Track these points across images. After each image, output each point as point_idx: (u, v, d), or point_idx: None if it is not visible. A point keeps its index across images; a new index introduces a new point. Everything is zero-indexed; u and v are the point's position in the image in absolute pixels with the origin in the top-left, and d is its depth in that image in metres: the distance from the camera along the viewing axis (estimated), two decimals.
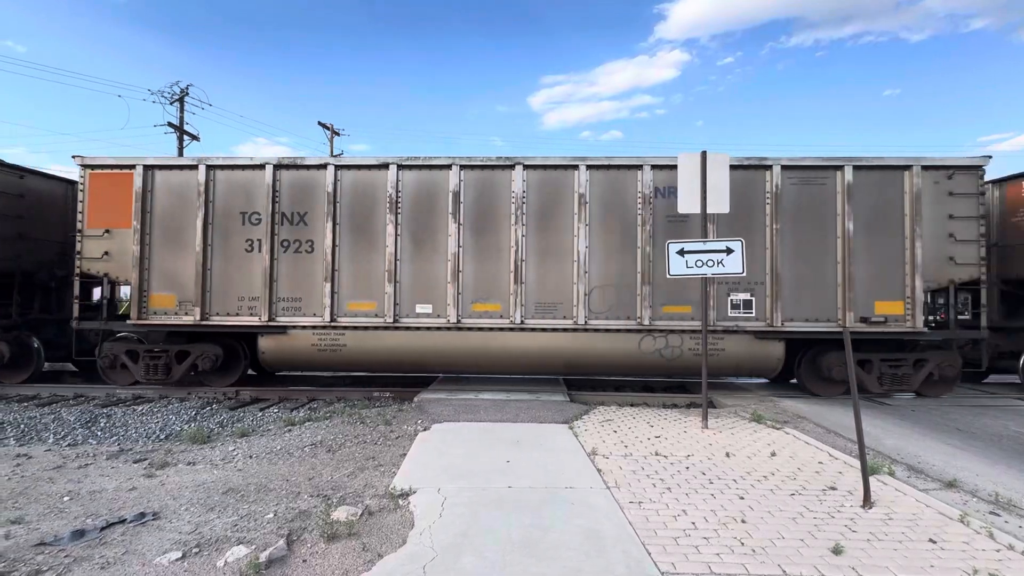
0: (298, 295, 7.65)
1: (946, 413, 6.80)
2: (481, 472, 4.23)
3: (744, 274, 5.89)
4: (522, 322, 7.58)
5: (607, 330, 7.59)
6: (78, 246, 7.72)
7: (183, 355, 7.86)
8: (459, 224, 7.63)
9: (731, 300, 7.59)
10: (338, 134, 30.05)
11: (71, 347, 9.05)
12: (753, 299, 7.58)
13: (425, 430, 5.61)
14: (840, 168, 7.51)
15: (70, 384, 8.62)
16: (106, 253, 7.71)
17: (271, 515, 3.56)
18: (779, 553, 2.94)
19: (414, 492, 3.78)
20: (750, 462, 4.56)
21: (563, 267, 7.64)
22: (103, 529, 3.41)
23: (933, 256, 7.44)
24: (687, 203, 6.03)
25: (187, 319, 7.64)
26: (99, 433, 6.01)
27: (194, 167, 7.76)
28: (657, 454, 4.78)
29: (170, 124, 24.07)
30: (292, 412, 6.93)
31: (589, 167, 7.63)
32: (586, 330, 7.59)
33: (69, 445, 5.57)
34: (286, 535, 3.21)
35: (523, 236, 7.61)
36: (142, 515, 3.60)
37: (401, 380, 9.15)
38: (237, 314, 7.67)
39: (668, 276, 6.02)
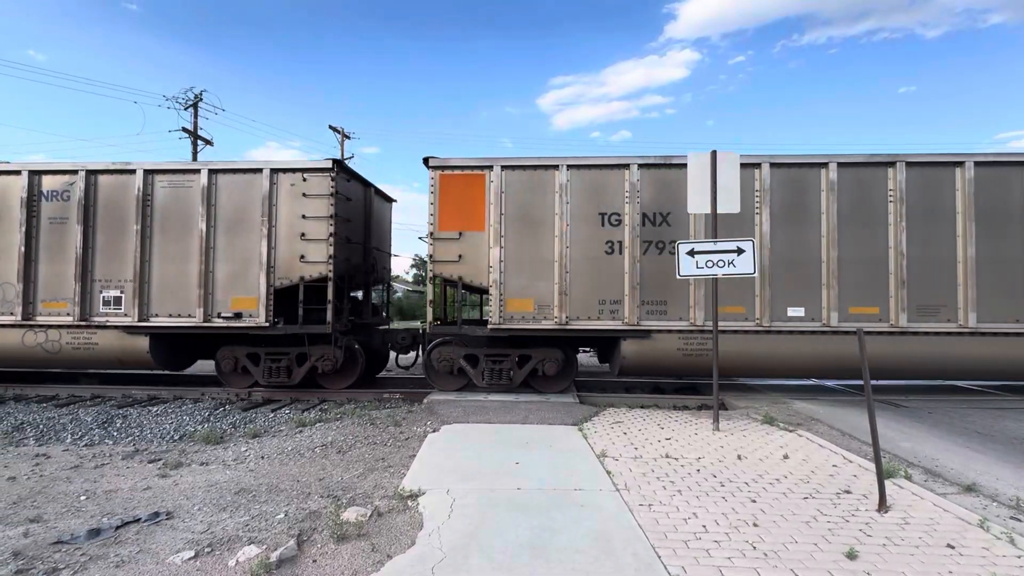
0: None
1: (964, 416, 6.65)
2: (490, 473, 4.22)
3: (755, 274, 5.82)
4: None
5: None
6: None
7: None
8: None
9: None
10: (348, 137, 30.31)
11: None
12: None
13: (434, 431, 5.63)
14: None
15: (85, 385, 8.78)
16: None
17: (282, 515, 3.59)
18: (792, 557, 2.89)
19: (423, 493, 3.79)
20: (762, 465, 4.50)
21: None
22: (118, 528, 3.46)
23: None
24: (696, 203, 5.98)
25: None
26: (115, 433, 6.11)
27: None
28: (667, 456, 4.73)
29: (184, 129, 24.47)
30: (303, 413, 6.99)
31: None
32: None
33: (86, 445, 5.67)
34: (296, 535, 3.23)
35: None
36: (156, 514, 3.66)
37: (411, 381, 9.19)
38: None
39: (678, 277, 5.98)
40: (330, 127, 30.01)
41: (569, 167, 7.45)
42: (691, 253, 5.84)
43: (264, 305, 7.63)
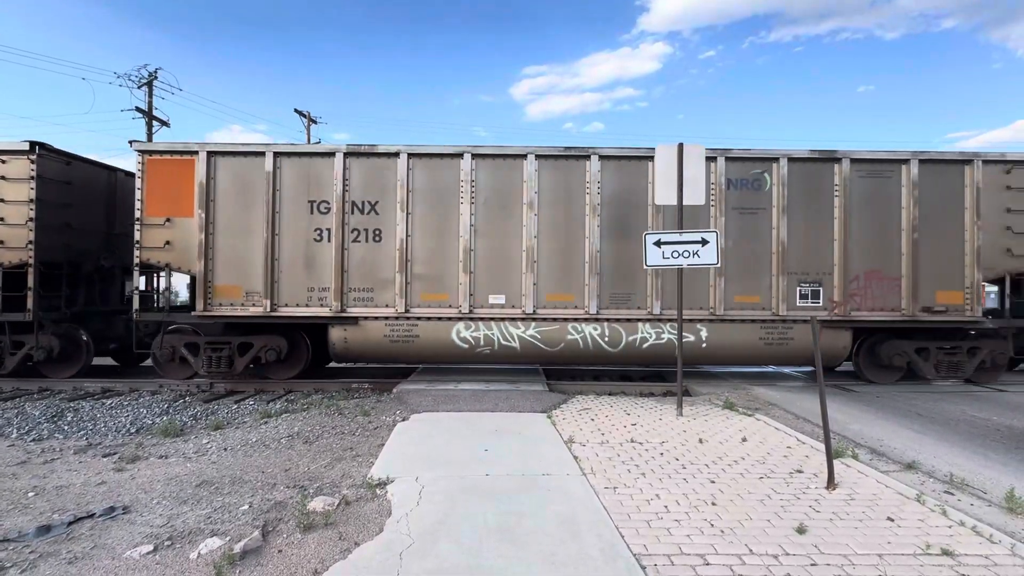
0: None
1: (909, 400, 7.09)
2: (459, 461, 4.26)
3: (718, 264, 6.01)
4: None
5: None
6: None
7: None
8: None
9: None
10: (315, 122, 29.43)
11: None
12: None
13: (404, 420, 5.61)
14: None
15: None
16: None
17: (246, 507, 3.52)
18: (746, 533, 3.04)
19: (392, 481, 3.79)
20: (722, 447, 4.69)
21: None
22: (70, 524, 3.33)
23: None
24: (663, 195, 6.11)
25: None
26: (66, 428, 5.84)
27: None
28: (633, 441, 4.87)
29: (138, 109, 23.23)
30: (268, 404, 6.84)
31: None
32: None
33: (34, 440, 5.40)
34: (261, 526, 3.19)
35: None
36: (112, 509, 3.53)
37: (381, 371, 9.10)
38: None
39: (645, 267, 6.11)
40: (296, 111, 29.09)
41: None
42: (658, 244, 5.97)
43: None
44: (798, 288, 7.65)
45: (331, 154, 7.52)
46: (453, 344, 7.58)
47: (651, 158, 7.31)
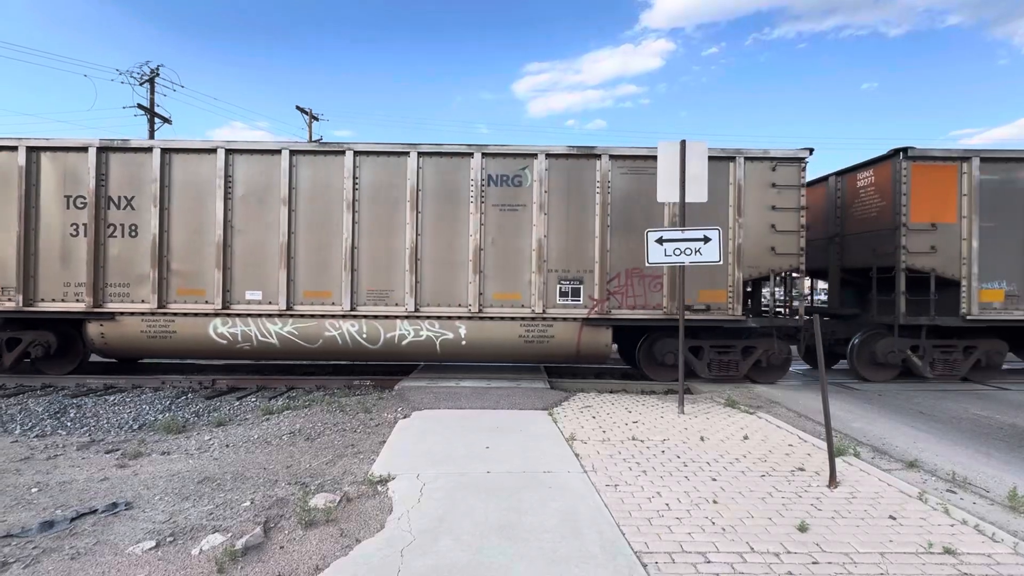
0: None
1: (910, 397, 7.07)
2: (460, 458, 4.26)
3: (720, 262, 5.99)
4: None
5: None
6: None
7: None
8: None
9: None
10: (317, 119, 29.41)
11: None
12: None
13: (405, 417, 5.62)
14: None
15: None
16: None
17: (248, 503, 3.53)
18: (748, 531, 3.04)
19: (393, 478, 3.79)
20: (723, 445, 4.69)
21: None
22: (73, 520, 3.35)
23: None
24: (665, 192, 6.08)
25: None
26: (69, 424, 5.86)
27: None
28: (634, 439, 4.87)
29: (140, 106, 23.23)
30: (270, 401, 6.85)
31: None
32: None
33: (37, 436, 5.42)
34: (263, 522, 3.19)
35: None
36: (114, 505, 3.55)
37: (383, 368, 9.11)
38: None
39: (647, 264, 6.09)
40: (297, 108, 29.05)
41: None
42: (660, 241, 5.96)
43: None
44: (559, 286, 7.59)
45: (84, 149, 7.50)
46: (211, 340, 7.57)
47: (407, 154, 7.46)
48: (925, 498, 3.49)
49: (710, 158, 7.24)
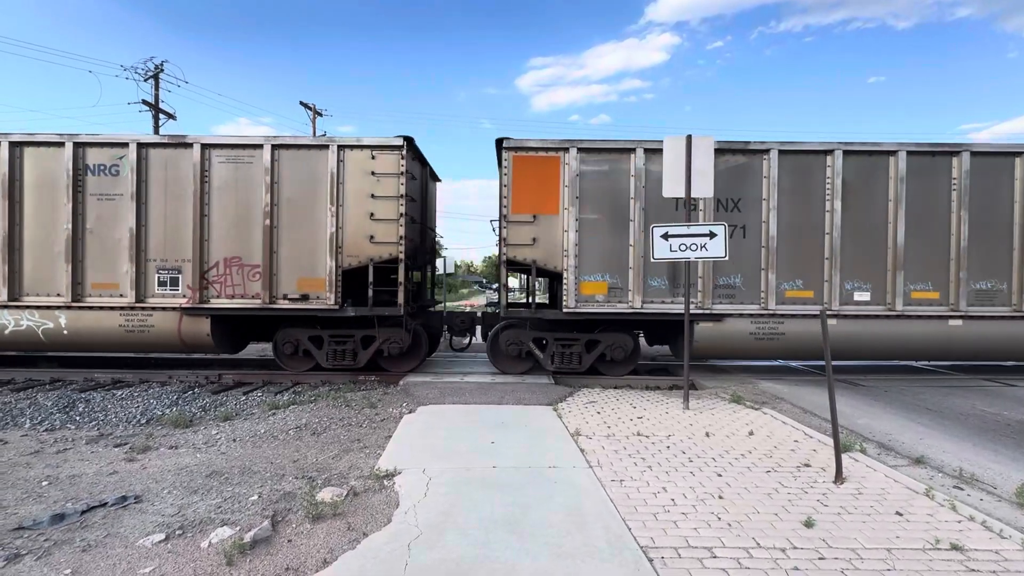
0: None
1: (917, 394, 7.04)
2: (466, 453, 4.27)
3: (726, 258, 5.96)
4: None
5: None
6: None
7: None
8: None
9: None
10: (320, 114, 29.39)
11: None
12: None
13: (411, 412, 5.64)
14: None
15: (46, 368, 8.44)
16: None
17: (255, 497, 3.56)
18: (754, 527, 3.04)
19: (399, 473, 3.81)
20: (728, 441, 4.68)
21: None
22: (84, 513, 3.38)
23: None
24: (671, 187, 6.06)
25: None
26: (78, 418, 5.91)
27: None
28: (639, 434, 4.87)
29: (144, 102, 23.29)
30: (276, 396, 6.89)
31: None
32: None
33: (47, 430, 5.47)
34: (271, 516, 3.22)
35: None
36: (124, 498, 3.58)
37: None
38: None
39: (652, 260, 6.08)
40: (301, 103, 29.03)
41: None
42: (665, 236, 5.94)
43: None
44: (157, 275, 7.57)
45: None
46: None
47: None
48: (932, 494, 3.48)
49: (306, 147, 7.52)
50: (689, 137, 5.99)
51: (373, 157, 7.47)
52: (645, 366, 9.18)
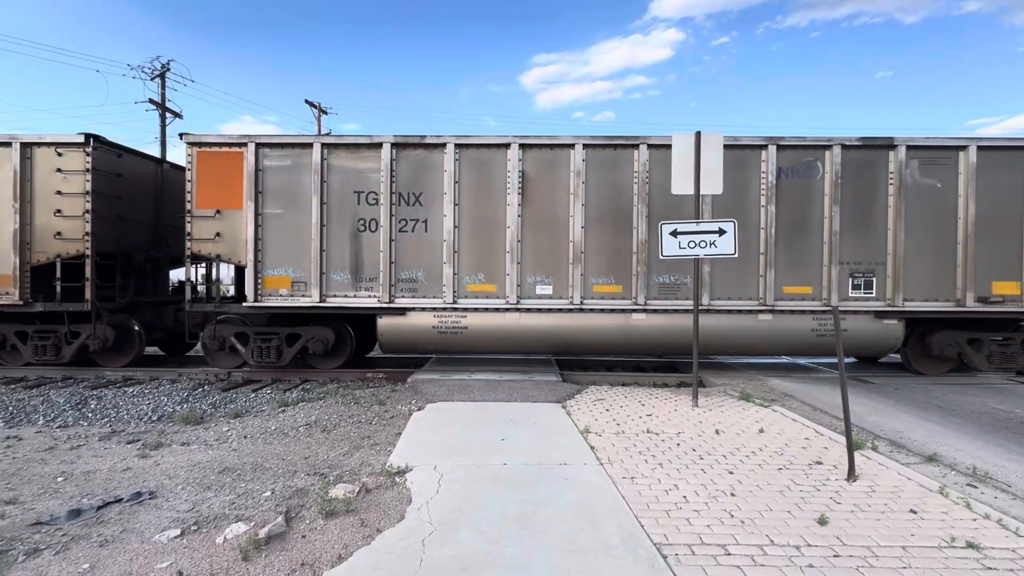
0: None
1: (927, 391, 6.99)
2: (476, 450, 4.28)
3: (736, 255, 5.93)
4: None
5: None
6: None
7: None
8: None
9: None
10: (326, 112, 29.46)
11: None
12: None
13: (419, 410, 5.66)
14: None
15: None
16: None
17: (268, 493, 3.59)
18: (767, 524, 3.03)
19: (410, 470, 3.83)
20: (739, 439, 4.67)
21: None
22: (99, 508, 3.42)
23: None
24: (681, 184, 6.03)
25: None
26: (90, 415, 5.97)
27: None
28: (649, 432, 4.87)
29: (151, 101, 23.40)
30: (285, 393, 6.93)
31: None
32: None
33: (60, 427, 5.53)
34: (284, 512, 3.24)
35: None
36: (138, 494, 3.62)
37: (395, 361, 9.17)
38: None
39: (661, 257, 6.06)
40: (306, 101, 29.11)
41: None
42: (674, 233, 5.91)
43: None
44: None
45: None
46: None
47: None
48: (946, 492, 3.46)
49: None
50: (698, 134, 5.96)
51: (60, 155, 7.58)
52: (651, 363, 9.16)
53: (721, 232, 5.79)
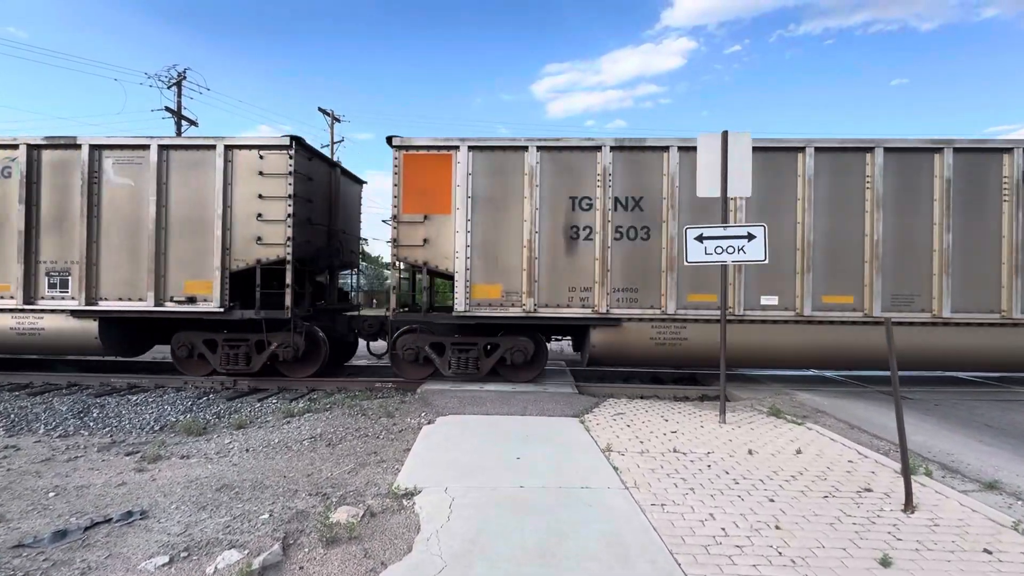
0: None
1: (971, 408, 6.53)
2: (490, 469, 3.98)
3: (766, 261, 5.58)
4: None
5: None
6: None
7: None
8: None
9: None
10: (339, 120, 29.61)
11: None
12: None
13: (429, 423, 5.37)
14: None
15: (63, 372, 8.40)
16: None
17: (266, 515, 3.32)
18: (822, 564, 2.68)
19: (419, 492, 3.53)
20: (775, 460, 4.30)
21: None
22: (87, 529, 3.18)
23: None
24: (706, 186, 5.71)
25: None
26: (91, 424, 5.78)
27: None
28: (675, 451, 4.52)
29: (167, 109, 23.68)
30: (291, 403, 6.69)
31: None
32: None
33: (60, 436, 5.34)
34: (282, 538, 2.97)
35: None
36: (129, 514, 3.37)
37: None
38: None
39: (685, 263, 5.73)
40: (320, 109, 29.28)
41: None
42: (699, 239, 5.58)
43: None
44: None
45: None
46: None
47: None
48: (1021, 528, 3.07)
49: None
50: (725, 134, 5.64)
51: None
52: (670, 375, 8.78)
53: (751, 237, 5.45)
